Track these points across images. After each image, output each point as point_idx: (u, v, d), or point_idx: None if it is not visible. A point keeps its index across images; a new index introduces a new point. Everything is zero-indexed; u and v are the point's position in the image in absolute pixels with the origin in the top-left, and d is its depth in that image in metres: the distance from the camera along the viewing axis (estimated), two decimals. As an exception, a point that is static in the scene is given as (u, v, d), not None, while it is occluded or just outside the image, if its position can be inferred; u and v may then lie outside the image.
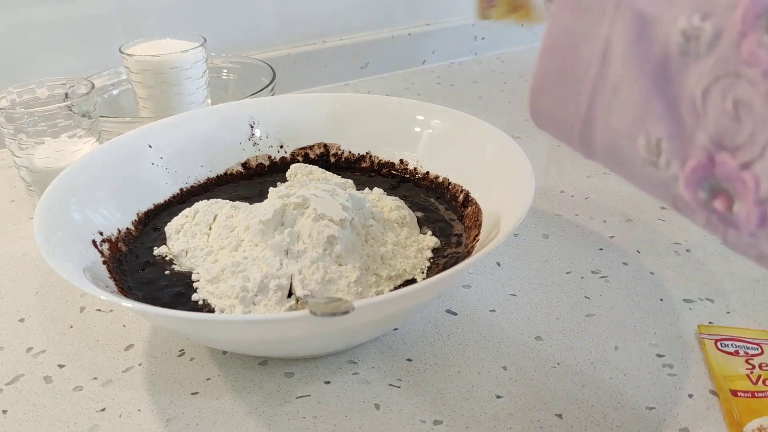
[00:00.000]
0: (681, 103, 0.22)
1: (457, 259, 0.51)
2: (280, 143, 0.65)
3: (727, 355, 0.46)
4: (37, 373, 0.47)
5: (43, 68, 0.84)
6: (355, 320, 0.40)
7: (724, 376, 0.44)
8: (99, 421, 0.43)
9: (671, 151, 0.23)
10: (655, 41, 0.22)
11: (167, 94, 0.74)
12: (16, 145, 0.63)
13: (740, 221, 0.22)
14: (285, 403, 0.44)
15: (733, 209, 0.22)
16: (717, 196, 0.22)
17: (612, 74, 0.24)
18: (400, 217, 0.54)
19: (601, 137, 0.25)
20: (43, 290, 0.56)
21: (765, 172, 0.21)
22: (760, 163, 0.21)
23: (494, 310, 0.52)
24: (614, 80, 0.24)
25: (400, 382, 0.46)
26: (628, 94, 0.23)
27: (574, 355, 0.47)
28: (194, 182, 0.62)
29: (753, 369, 0.45)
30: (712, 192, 0.22)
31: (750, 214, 0.22)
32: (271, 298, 0.46)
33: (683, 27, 0.22)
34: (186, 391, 0.45)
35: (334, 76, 1.02)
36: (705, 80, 0.22)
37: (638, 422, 0.42)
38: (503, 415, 0.43)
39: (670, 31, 0.22)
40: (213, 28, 0.90)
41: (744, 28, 0.20)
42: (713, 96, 0.21)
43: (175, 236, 0.54)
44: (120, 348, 0.49)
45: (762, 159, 0.21)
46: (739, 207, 0.22)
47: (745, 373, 0.44)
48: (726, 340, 0.47)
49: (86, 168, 0.55)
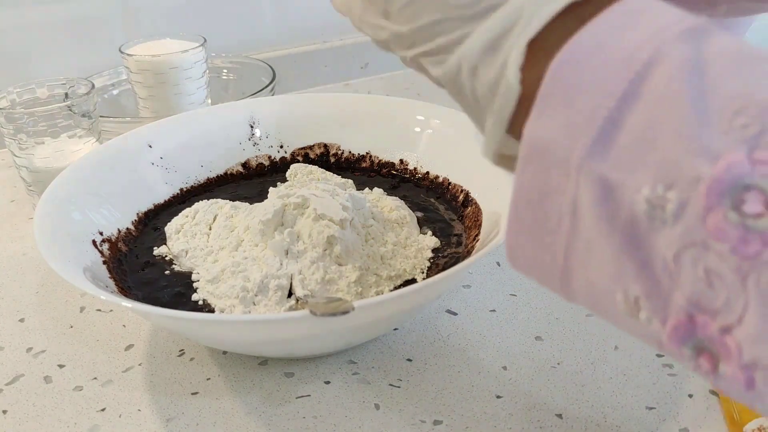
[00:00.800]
0: (654, 264, 0.22)
1: (457, 259, 0.51)
2: (280, 143, 0.65)
3: (727, 355, 0.46)
4: (37, 373, 0.47)
5: (43, 68, 0.84)
6: (355, 320, 0.40)
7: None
8: (99, 421, 0.43)
9: (650, 308, 0.22)
10: (621, 205, 0.22)
11: (167, 94, 0.74)
12: (16, 145, 0.63)
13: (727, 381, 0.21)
14: (285, 403, 0.44)
15: (719, 369, 0.21)
16: (701, 354, 0.22)
17: (583, 230, 0.23)
18: (400, 217, 0.54)
19: (581, 289, 0.24)
20: (43, 290, 0.56)
21: (746, 339, 0.20)
22: (739, 329, 0.20)
23: (494, 310, 0.52)
24: (587, 236, 0.23)
25: (400, 382, 0.46)
26: (600, 251, 0.23)
27: (574, 355, 0.47)
28: (194, 182, 0.62)
29: (753, 369, 0.44)
30: (697, 350, 0.22)
31: (736, 377, 0.21)
32: (271, 298, 0.46)
33: (647, 195, 0.21)
34: (186, 391, 0.45)
35: (334, 76, 1.02)
36: (674, 246, 0.21)
37: (638, 422, 0.42)
38: (503, 415, 0.43)
39: (635, 199, 0.21)
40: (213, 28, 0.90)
41: (708, 203, 0.20)
42: (685, 262, 0.21)
43: (175, 236, 0.54)
44: (120, 348, 0.49)
45: (741, 325, 0.20)
46: (724, 368, 0.21)
47: (745, 373, 0.44)
48: (726, 340, 0.47)
49: (86, 168, 0.55)
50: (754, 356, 0.20)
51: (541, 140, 0.23)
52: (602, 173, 0.22)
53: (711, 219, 0.20)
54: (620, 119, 0.22)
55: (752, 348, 0.20)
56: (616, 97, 0.22)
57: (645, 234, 0.22)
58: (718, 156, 0.20)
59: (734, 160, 0.20)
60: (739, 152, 0.20)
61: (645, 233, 0.22)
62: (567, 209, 0.23)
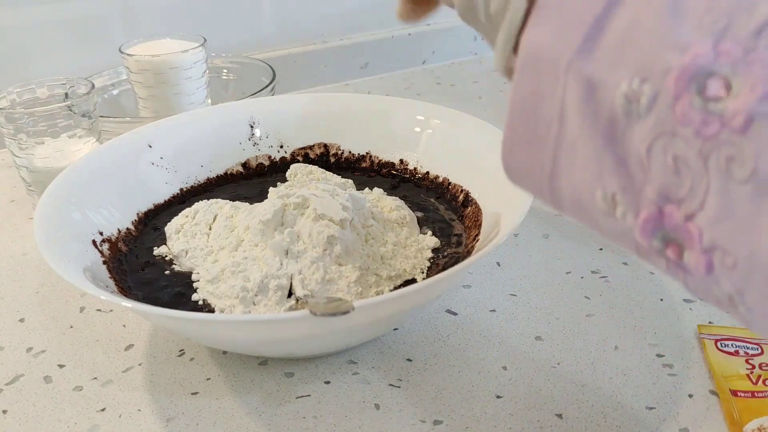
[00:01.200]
0: (629, 160, 0.24)
1: (457, 259, 0.51)
2: (280, 143, 0.65)
3: (727, 355, 0.46)
4: (37, 373, 0.47)
5: (43, 68, 0.84)
6: (355, 320, 0.40)
7: (724, 376, 0.44)
8: (99, 421, 0.43)
9: (625, 203, 0.24)
10: (602, 103, 0.24)
11: (167, 94, 0.74)
12: (16, 145, 0.63)
13: (691, 269, 0.24)
14: (285, 403, 0.44)
15: (683, 258, 0.24)
16: (668, 245, 0.24)
17: (569, 133, 0.25)
18: (400, 217, 0.54)
19: (566, 192, 0.27)
20: (43, 290, 0.56)
21: (706, 223, 0.22)
22: (700, 214, 0.23)
23: (494, 310, 0.52)
24: (571, 138, 0.25)
25: (400, 382, 0.46)
26: (583, 151, 0.25)
27: (574, 355, 0.47)
28: (194, 182, 0.62)
29: (753, 369, 0.45)
30: (665, 241, 0.24)
31: (698, 263, 0.23)
32: (271, 298, 0.46)
33: (625, 90, 0.23)
34: (186, 391, 0.45)
35: (334, 76, 1.02)
36: (647, 138, 0.23)
37: (638, 422, 0.42)
38: (503, 415, 0.43)
39: (615, 95, 0.23)
40: (213, 28, 0.90)
41: (677, 91, 0.22)
42: (656, 153, 0.23)
43: (175, 236, 0.54)
44: (120, 348, 0.49)
45: (702, 211, 0.22)
46: (688, 256, 0.23)
47: (745, 373, 0.44)
48: (726, 339, 0.47)
49: (86, 168, 0.55)
50: (713, 238, 0.22)
51: (535, 46, 0.25)
52: (587, 73, 0.24)
53: (678, 106, 0.22)
54: (605, 22, 0.24)
55: (711, 230, 0.22)
56: (602, 2, 0.24)
57: (622, 131, 0.24)
58: (687, 47, 0.22)
59: (700, 51, 0.22)
60: (706, 44, 0.22)
61: (622, 130, 0.24)
62: (555, 113, 0.25)
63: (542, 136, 0.26)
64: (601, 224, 0.26)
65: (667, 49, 0.22)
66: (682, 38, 0.22)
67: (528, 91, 0.26)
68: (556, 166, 0.26)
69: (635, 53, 0.23)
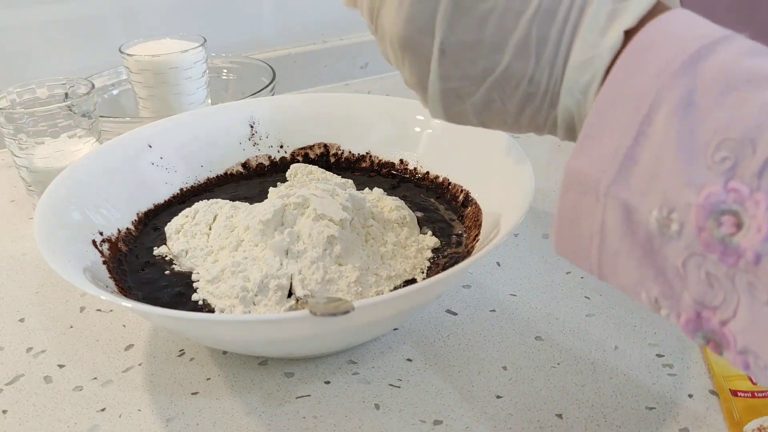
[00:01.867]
0: (668, 270, 0.27)
1: (457, 259, 0.51)
2: (280, 143, 0.65)
3: (727, 355, 0.46)
4: (37, 373, 0.47)
5: (43, 68, 0.84)
6: (355, 320, 0.40)
7: (724, 376, 0.44)
8: (99, 421, 0.43)
9: (667, 306, 0.28)
10: (639, 224, 0.27)
11: (167, 94, 0.74)
12: (16, 145, 0.63)
13: (731, 363, 0.26)
14: (285, 403, 0.44)
15: (722, 354, 0.27)
16: (709, 342, 0.27)
17: (610, 246, 0.28)
18: (400, 217, 0.54)
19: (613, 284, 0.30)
20: (43, 290, 0.56)
21: (739, 330, 0.25)
22: (733, 322, 0.25)
23: (494, 310, 0.52)
24: (613, 251, 0.28)
25: (400, 382, 0.46)
26: (625, 262, 0.28)
27: (574, 355, 0.47)
28: (194, 182, 0.62)
29: (753, 369, 0.44)
30: (705, 339, 0.27)
31: (736, 361, 0.26)
32: (271, 298, 0.46)
33: (657, 216, 0.26)
34: (186, 391, 0.45)
35: (334, 76, 1.02)
36: (682, 255, 0.26)
37: (638, 422, 0.42)
38: (503, 415, 0.43)
39: (649, 219, 0.27)
40: (213, 28, 0.90)
41: (698, 223, 0.25)
42: (690, 267, 0.26)
43: (175, 236, 0.54)
44: (120, 348, 0.49)
45: (735, 319, 0.25)
46: (726, 354, 0.26)
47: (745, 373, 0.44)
48: (726, 340, 0.47)
49: (86, 168, 0.55)
50: (745, 344, 0.25)
51: (578, 172, 0.28)
52: (623, 198, 0.27)
53: (702, 236, 0.25)
54: (635, 155, 0.27)
55: (743, 337, 0.25)
56: (631, 137, 0.27)
57: (658, 247, 0.27)
58: (702, 187, 0.25)
59: (713, 191, 0.25)
60: (717, 184, 0.25)
61: (658, 246, 0.27)
62: (597, 228, 0.28)
63: (586, 245, 0.29)
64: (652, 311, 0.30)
65: (685, 187, 0.25)
66: (697, 178, 0.25)
67: (571, 208, 0.29)
68: (601, 270, 0.30)
69: (662, 185, 0.26)
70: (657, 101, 0.26)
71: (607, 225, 0.28)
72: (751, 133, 0.24)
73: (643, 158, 0.27)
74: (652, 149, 0.26)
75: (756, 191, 0.24)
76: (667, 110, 0.26)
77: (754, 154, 0.24)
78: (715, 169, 0.25)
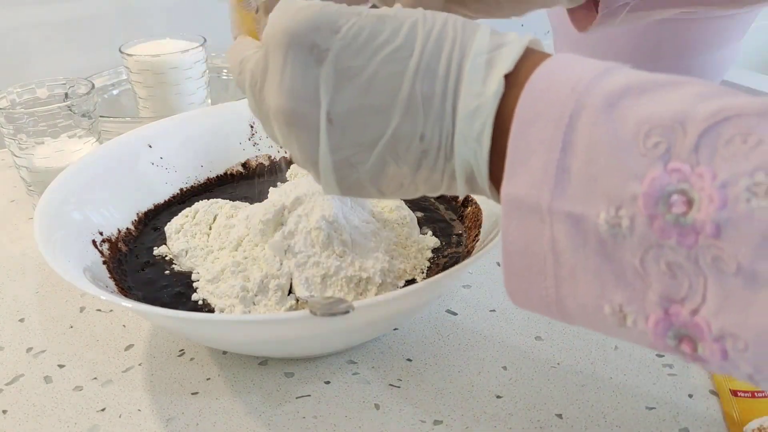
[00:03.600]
0: (626, 273, 0.26)
1: (457, 259, 0.51)
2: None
3: (727, 355, 0.46)
4: (37, 373, 0.47)
5: (43, 68, 0.84)
6: (355, 320, 0.40)
7: (724, 376, 0.44)
8: (99, 421, 0.43)
9: (633, 312, 0.27)
10: (589, 231, 0.26)
11: (167, 94, 0.74)
12: (16, 145, 0.63)
13: (707, 359, 0.25)
14: (285, 403, 0.44)
15: (698, 350, 0.25)
16: (682, 341, 0.26)
17: (565, 262, 0.28)
18: (400, 217, 0.54)
19: (575, 311, 0.29)
20: (43, 290, 0.56)
21: (711, 314, 0.24)
22: (704, 308, 0.25)
23: (494, 310, 0.52)
24: (569, 266, 0.28)
25: (400, 382, 0.46)
26: (583, 274, 0.27)
27: (574, 355, 0.47)
28: (194, 182, 0.62)
29: (753, 369, 0.44)
30: (677, 338, 0.26)
31: (713, 352, 0.25)
32: (271, 298, 0.46)
33: (605, 218, 0.26)
34: (186, 391, 0.45)
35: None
36: (638, 252, 0.25)
37: (638, 422, 0.42)
38: (503, 415, 0.43)
39: (597, 223, 0.26)
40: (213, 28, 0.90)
41: (648, 212, 0.25)
42: (649, 263, 0.25)
43: (175, 236, 0.54)
44: (120, 348, 0.49)
45: (705, 304, 0.25)
46: (702, 347, 0.25)
47: (745, 373, 0.44)
48: (726, 340, 0.47)
49: (86, 168, 0.55)
50: (721, 327, 0.24)
51: (515, 197, 0.28)
52: (567, 210, 0.27)
53: (655, 224, 0.25)
54: (567, 165, 0.27)
55: (717, 320, 0.24)
56: (557, 149, 0.27)
57: (612, 250, 0.26)
58: (643, 174, 0.25)
59: (655, 175, 0.25)
60: (658, 168, 0.25)
61: (612, 249, 0.26)
62: (548, 247, 0.28)
63: (540, 269, 0.28)
64: (615, 333, 0.28)
65: (627, 179, 0.25)
66: (636, 168, 0.25)
67: (517, 235, 0.29)
68: (559, 293, 0.28)
69: (602, 186, 0.26)
70: (576, 110, 0.27)
71: (557, 242, 0.27)
72: (677, 116, 0.25)
73: (575, 166, 0.27)
74: (582, 154, 0.26)
75: (696, 165, 0.24)
76: (588, 115, 0.26)
77: (685, 135, 0.24)
78: (650, 155, 0.25)
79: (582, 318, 0.29)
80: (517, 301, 0.31)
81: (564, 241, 0.27)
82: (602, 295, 0.27)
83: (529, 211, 0.28)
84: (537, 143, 0.27)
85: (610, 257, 0.26)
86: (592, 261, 0.27)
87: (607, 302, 0.27)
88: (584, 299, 0.28)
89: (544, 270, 0.28)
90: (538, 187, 0.27)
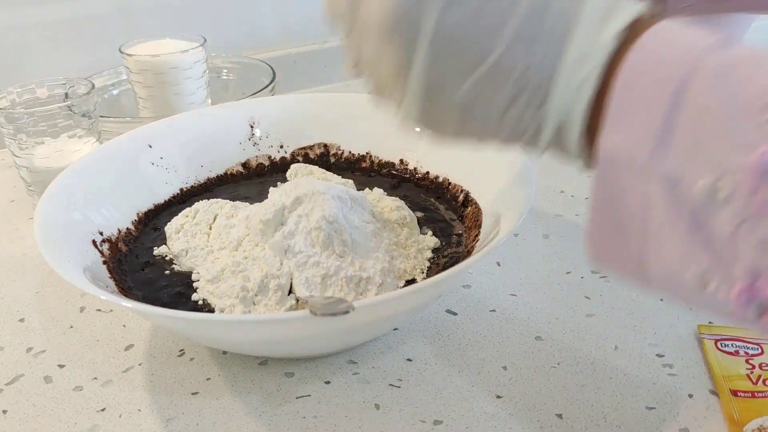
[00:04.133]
0: (716, 241, 0.26)
1: (457, 259, 0.51)
2: (280, 143, 0.65)
3: (727, 355, 0.46)
4: (37, 373, 0.47)
5: (43, 68, 0.84)
6: (355, 320, 0.40)
7: (724, 376, 0.44)
8: (99, 421, 0.43)
9: (717, 280, 0.26)
10: (684, 195, 0.26)
11: (167, 94, 0.74)
12: (16, 145, 0.63)
13: None
14: (285, 403, 0.44)
15: None
16: (763, 314, 0.26)
17: (655, 222, 0.27)
18: (400, 218, 0.54)
19: (655, 274, 0.28)
20: (43, 290, 0.56)
21: None
22: None
23: (494, 310, 0.52)
24: (658, 226, 0.27)
25: (400, 382, 0.46)
26: (671, 236, 0.27)
27: (574, 355, 0.47)
28: (194, 182, 0.62)
29: (753, 369, 0.45)
30: (759, 310, 0.26)
31: None
32: (271, 298, 0.46)
33: (703, 185, 0.25)
34: (186, 391, 0.45)
35: (334, 76, 1.02)
36: (732, 223, 0.25)
37: (638, 422, 0.42)
38: (503, 415, 0.43)
39: (694, 189, 0.26)
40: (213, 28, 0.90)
41: (752, 185, 0.24)
42: (741, 234, 0.25)
43: (175, 236, 0.54)
44: (120, 348, 0.49)
45: None
46: None
47: (745, 373, 0.44)
48: (726, 340, 0.47)
49: (86, 168, 0.55)
50: None
51: (613, 150, 0.27)
52: (665, 171, 0.26)
53: (757, 197, 0.24)
54: (673, 125, 0.26)
55: None
56: (665, 107, 0.26)
57: (706, 217, 0.26)
58: (754, 148, 0.24)
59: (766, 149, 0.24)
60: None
61: (706, 216, 0.26)
62: (639, 205, 0.27)
63: (628, 227, 0.28)
64: (693, 299, 0.28)
65: (735, 149, 0.25)
66: (747, 138, 0.24)
67: (609, 190, 0.28)
68: (644, 253, 0.28)
69: (706, 152, 0.25)
70: (690, 72, 0.26)
71: (649, 200, 0.27)
72: None
73: (680, 128, 0.26)
74: (690, 117, 0.26)
75: None
76: (703, 78, 0.26)
77: None
78: (765, 129, 0.24)
79: (661, 279, 0.28)
80: (597, 254, 0.30)
81: (656, 201, 0.27)
82: (687, 259, 0.27)
83: (626, 166, 0.27)
84: (643, 99, 0.27)
85: (701, 223, 0.26)
86: (681, 224, 0.26)
87: (691, 266, 0.27)
88: (667, 261, 0.27)
89: (631, 226, 0.28)
90: (639, 143, 0.27)
